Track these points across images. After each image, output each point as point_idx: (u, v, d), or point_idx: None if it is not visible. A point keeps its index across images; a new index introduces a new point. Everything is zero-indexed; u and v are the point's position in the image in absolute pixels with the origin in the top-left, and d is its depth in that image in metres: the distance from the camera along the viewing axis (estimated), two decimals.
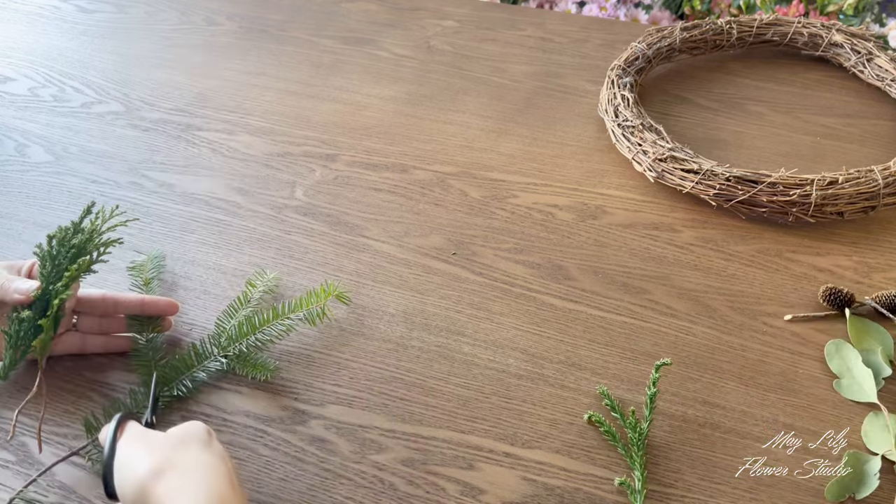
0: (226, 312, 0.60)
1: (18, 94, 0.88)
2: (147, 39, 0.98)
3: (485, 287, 0.64)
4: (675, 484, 0.51)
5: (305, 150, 0.79)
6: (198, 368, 0.56)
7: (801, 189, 0.67)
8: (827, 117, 0.82)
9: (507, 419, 0.55)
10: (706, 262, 0.66)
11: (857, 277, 0.65)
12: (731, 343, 0.60)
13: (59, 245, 0.52)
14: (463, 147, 0.79)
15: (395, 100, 0.86)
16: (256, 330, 0.58)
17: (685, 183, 0.70)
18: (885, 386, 0.56)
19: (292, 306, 0.59)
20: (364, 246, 0.68)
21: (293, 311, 0.58)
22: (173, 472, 0.41)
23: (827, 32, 0.88)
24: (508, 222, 0.70)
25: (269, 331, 0.58)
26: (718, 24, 0.89)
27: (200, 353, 0.57)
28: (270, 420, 0.55)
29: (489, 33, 0.98)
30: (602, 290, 0.64)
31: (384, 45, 0.96)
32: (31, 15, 1.04)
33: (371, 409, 0.56)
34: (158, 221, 0.71)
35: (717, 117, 0.83)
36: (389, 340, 0.60)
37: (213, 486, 0.41)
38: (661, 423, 0.54)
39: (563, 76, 0.90)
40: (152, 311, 0.59)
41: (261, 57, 0.94)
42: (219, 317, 0.60)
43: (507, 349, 0.59)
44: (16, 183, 0.76)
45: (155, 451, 0.42)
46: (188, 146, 0.80)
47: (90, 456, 0.52)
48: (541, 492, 0.51)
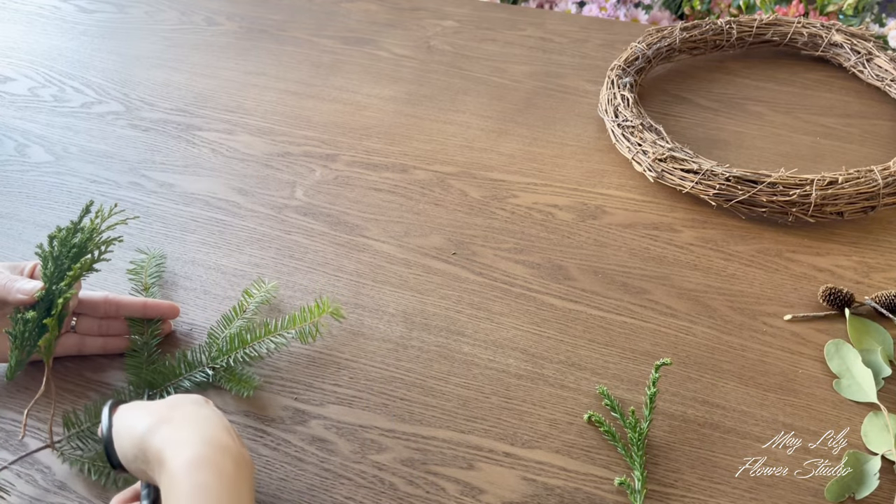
0: (221, 322, 0.59)
1: (18, 94, 0.88)
2: (147, 39, 0.98)
3: (485, 287, 0.64)
4: (674, 484, 0.51)
5: (305, 150, 0.79)
6: (184, 377, 0.56)
7: (800, 189, 0.67)
8: (827, 117, 0.82)
9: (506, 419, 0.55)
10: (706, 262, 0.66)
11: (857, 277, 0.65)
12: (731, 343, 0.60)
13: (61, 245, 0.52)
14: (463, 147, 0.79)
15: (395, 100, 0.86)
16: (246, 345, 0.57)
17: (685, 183, 0.70)
18: (885, 386, 0.56)
19: (285, 323, 0.57)
20: (364, 246, 0.68)
21: (285, 329, 0.57)
22: (169, 425, 0.42)
23: (827, 32, 0.88)
24: (508, 222, 0.70)
25: (259, 347, 0.57)
26: (718, 24, 0.89)
27: (190, 361, 0.57)
28: (270, 420, 0.55)
29: (489, 33, 0.98)
30: (602, 290, 0.64)
31: (384, 45, 0.96)
32: (31, 15, 1.04)
33: (371, 409, 0.56)
34: (158, 221, 0.71)
35: (717, 117, 0.83)
36: (389, 340, 0.60)
37: (209, 432, 0.41)
38: (660, 422, 0.54)
39: (563, 76, 0.90)
40: (154, 314, 0.59)
41: (261, 57, 0.94)
42: (212, 326, 0.59)
43: (507, 349, 0.59)
44: (16, 183, 0.76)
45: (151, 411, 0.44)
46: (188, 146, 0.80)
47: (62, 450, 0.52)
48: (541, 492, 0.51)
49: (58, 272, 0.51)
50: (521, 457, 0.53)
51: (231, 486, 0.39)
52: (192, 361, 0.57)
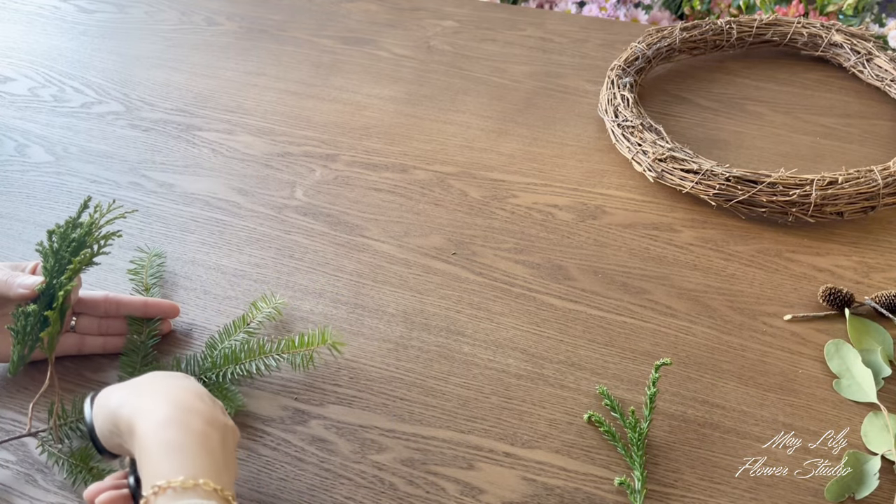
0: (221, 333, 0.59)
1: (18, 94, 0.88)
2: (147, 39, 0.98)
3: (485, 287, 0.64)
4: (674, 484, 0.51)
5: (305, 150, 0.79)
6: None
7: (800, 189, 0.67)
8: (826, 117, 0.82)
9: (506, 419, 0.55)
10: (706, 262, 0.66)
11: (857, 277, 0.65)
12: (731, 343, 0.60)
13: (61, 240, 0.52)
14: (463, 147, 0.79)
15: (395, 100, 0.86)
16: (239, 362, 0.56)
17: (685, 183, 0.70)
18: (885, 386, 0.56)
19: (281, 346, 0.56)
20: (364, 246, 0.68)
21: (280, 352, 0.56)
22: (139, 396, 0.42)
23: (826, 33, 0.88)
24: (508, 222, 0.70)
25: (250, 366, 0.55)
26: (718, 25, 0.89)
27: (182, 370, 0.56)
28: (270, 420, 0.55)
29: (489, 33, 0.98)
30: (602, 290, 0.64)
31: (384, 45, 0.96)
32: (31, 15, 1.04)
33: (371, 409, 0.56)
34: (158, 221, 0.71)
35: (717, 117, 0.83)
36: (389, 340, 0.60)
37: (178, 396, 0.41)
38: (660, 422, 0.54)
39: (563, 76, 0.90)
40: (155, 313, 0.59)
41: (261, 57, 0.94)
42: (213, 336, 0.59)
43: (507, 349, 0.59)
44: (16, 183, 0.76)
45: (123, 386, 0.44)
46: (188, 146, 0.80)
47: (43, 440, 0.52)
48: (540, 491, 0.51)
49: (58, 266, 0.52)
50: (521, 457, 0.53)
51: (201, 442, 0.39)
52: (184, 370, 0.56)
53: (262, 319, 0.60)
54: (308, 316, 0.62)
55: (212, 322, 0.62)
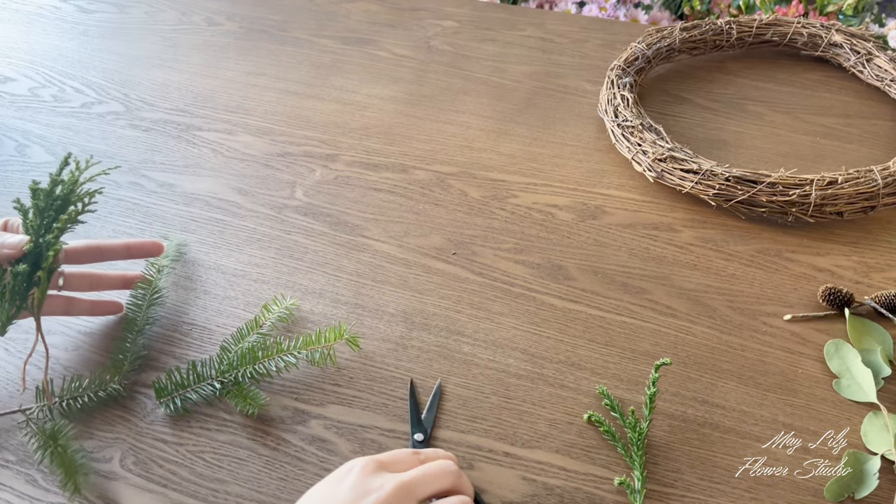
0: (234, 336, 0.59)
1: (18, 94, 0.88)
2: (147, 39, 0.98)
3: (485, 287, 0.64)
4: (674, 484, 0.51)
5: (305, 150, 0.79)
6: (192, 388, 0.55)
7: (800, 189, 0.67)
8: (826, 117, 0.82)
9: (506, 419, 0.55)
10: (706, 262, 0.66)
11: (857, 277, 0.65)
12: (731, 343, 0.60)
13: (46, 197, 0.52)
14: (463, 147, 0.79)
15: (395, 100, 0.86)
16: (257, 361, 0.56)
17: (685, 183, 0.70)
18: (885, 386, 0.56)
19: (299, 344, 0.56)
20: (364, 246, 0.68)
21: (298, 349, 0.56)
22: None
23: (826, 33, 0.88)
24: (508, 222, 0.70)
25: (269, 364, 0.56)
26: (718, 25, 0.89)
27: (199, 373, 0.56)
28: (270, 420, 0.55)
29: (489, 33, 0.98)
30: (602, 290, 0.64)
31: (384, 45, 0.96)
32: (31, 15, 1.04)
33: (371, 409, 0.56)
34: (158, 221, 0.71)
35: (717, 117, 0.83)
36: (389, 340, 0.60)
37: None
38: (660, 422, 0.54)
39: (563, 76, 0.90)
40: (138, 255, 0.60)
41: (261, 57, 0.94)
42: (226, 339, 0.59)
43: (507, 349, 0.59)
44: (16, 183, 0.76)
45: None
46: (188, 146, 0.80)
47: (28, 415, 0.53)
48: (540, 491, 0.51)
49: (44, 225, 0.51)
50: (520, 457, 0.53)
51: None
52: (201, 373, 0.56)
53: (274, 321, 0.60)
54: (308, 316, 0.62)
55: (212, 322, 0.62)
